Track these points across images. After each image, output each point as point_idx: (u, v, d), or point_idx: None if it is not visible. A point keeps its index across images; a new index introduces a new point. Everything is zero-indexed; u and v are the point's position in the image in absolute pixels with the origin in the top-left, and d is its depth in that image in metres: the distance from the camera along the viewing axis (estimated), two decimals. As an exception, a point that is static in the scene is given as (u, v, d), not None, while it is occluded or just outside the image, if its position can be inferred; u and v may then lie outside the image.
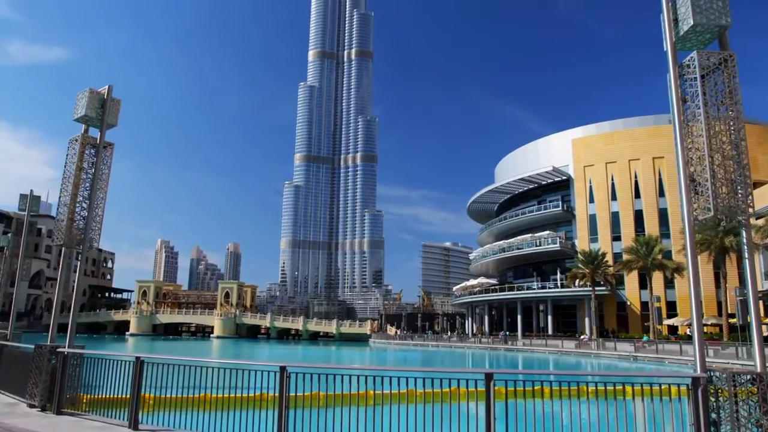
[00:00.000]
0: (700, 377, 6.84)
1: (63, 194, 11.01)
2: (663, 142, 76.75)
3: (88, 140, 11.35)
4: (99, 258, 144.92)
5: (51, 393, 10.28)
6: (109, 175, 11.54)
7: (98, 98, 11.20)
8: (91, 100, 10.97)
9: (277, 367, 8.08)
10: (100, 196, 11.24)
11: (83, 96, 11.01)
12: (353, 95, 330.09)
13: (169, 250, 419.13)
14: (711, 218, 7.54)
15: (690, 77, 7.90)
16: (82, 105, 10.97)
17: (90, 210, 11.03)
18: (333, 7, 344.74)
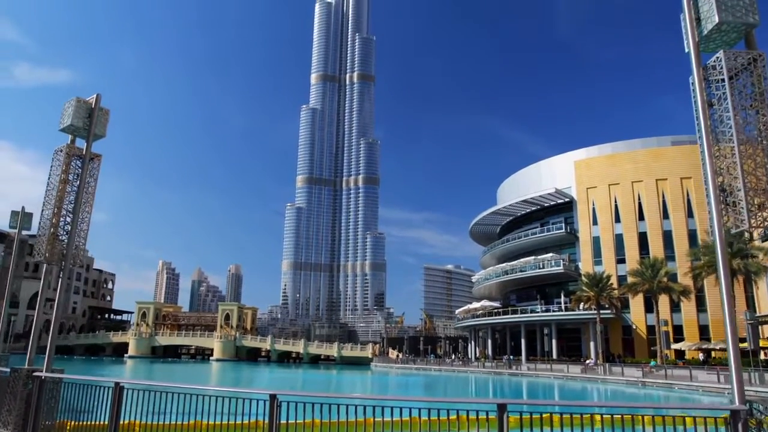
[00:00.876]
0: (740, 410, 6.11)
1: (45, 207, 10.40)
2: (666, 164, 76.46)
3: (74, 151, 10.78)
4: (99, 279, 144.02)
5: (26, 421, 9.54)
6: (95, 188, 10.94)
7: (85, 108, 10.66)
8: (78, 110, 10.43)
9: (267, 395, 7.40)
10: (85, 209, 10.62)
11: (70, 105, 10.48)
12: (355, 118, 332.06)
13: (171, 271, 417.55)
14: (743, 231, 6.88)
15: (716, 79, 7.31)
16: (69, 114, 10.43)
17: (74, 224, 10.41)
18: (335, 31, 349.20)
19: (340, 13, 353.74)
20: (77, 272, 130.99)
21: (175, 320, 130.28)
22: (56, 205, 10.41)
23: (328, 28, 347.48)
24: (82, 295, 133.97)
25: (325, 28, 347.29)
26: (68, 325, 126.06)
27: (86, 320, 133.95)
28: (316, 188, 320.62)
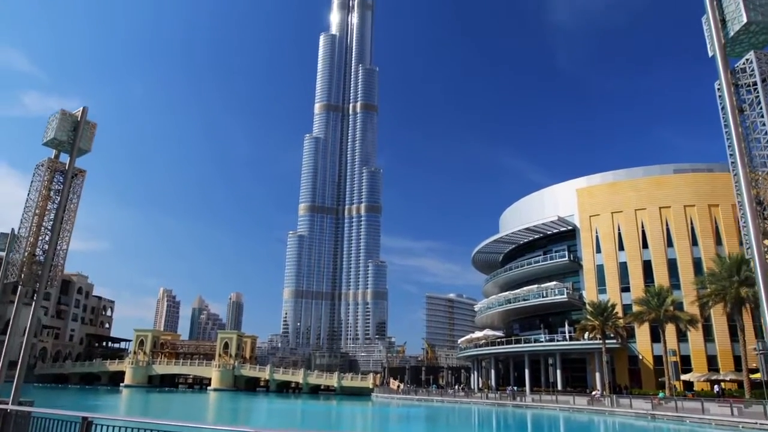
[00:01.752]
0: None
1: (23, 225, 9.81)
2: (669, 192, 76.04)
3: (56, 166, 10.26)
4: (98, 306, 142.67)
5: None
6: (77, 205, 10.39)
7: (71, 121, 10.19)
8: (63, 123, 9.95)
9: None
10: (66, 228, 10.05)
11: (54, 118, 10.01)
12: (358, 147, 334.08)
13: (171, 299, 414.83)
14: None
15: (746, 83, 6.75)
16: (53, 127, 9.95)
17: (52, 243, 9.81)
18: (339, 62, 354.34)
19: (343, 45, 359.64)
20: (76, 299, 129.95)
21: (174, 348, 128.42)
22: (35, 222, 9.84)
23: (332, 60, 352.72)
24: (80, 322, 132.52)
25: (329, 59, 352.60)
26: (65, 353, 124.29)
27: (83, 348, 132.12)
28: (319, 216, 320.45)
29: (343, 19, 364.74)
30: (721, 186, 74.62)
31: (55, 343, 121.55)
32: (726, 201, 72.58)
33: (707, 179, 75.99)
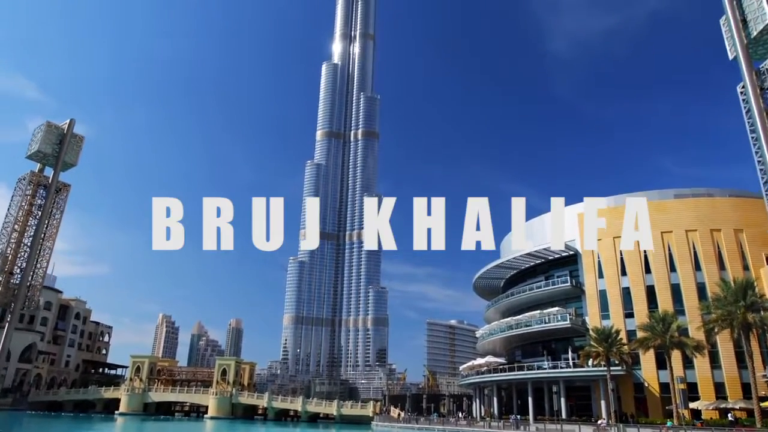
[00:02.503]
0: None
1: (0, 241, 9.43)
2: (670, 217, 75.64)
3: (40, 180, 9.98)
4: (95, 332, 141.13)
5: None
6: (60, 221, 10.12)
7: (56, 133, 10.06)
8: (48, 135, 9.80)
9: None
10: (47, 245, 9.69)
11: (39, 130, 9.82)
12: (359, 173, 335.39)
13: (170, 324, 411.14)
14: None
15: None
16: (37, 140, 9.77)
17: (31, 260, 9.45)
18: (341, 90, 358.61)
19: (345, 74, 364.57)
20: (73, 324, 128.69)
21: (170, 375, 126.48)
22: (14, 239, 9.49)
23: (334, 88, 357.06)
24: (76, 348, 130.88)
25: (331, 87, 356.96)
26: (60, 379, 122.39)
27: (79, 374, 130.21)
28: (319, 242, 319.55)
29: (344, 48, 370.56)
30: (723, 211, 74.43)
31: (50, 369, 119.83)
32: (728, 226, 72.27)
33: (708, 204, 75.79)
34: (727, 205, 74.99)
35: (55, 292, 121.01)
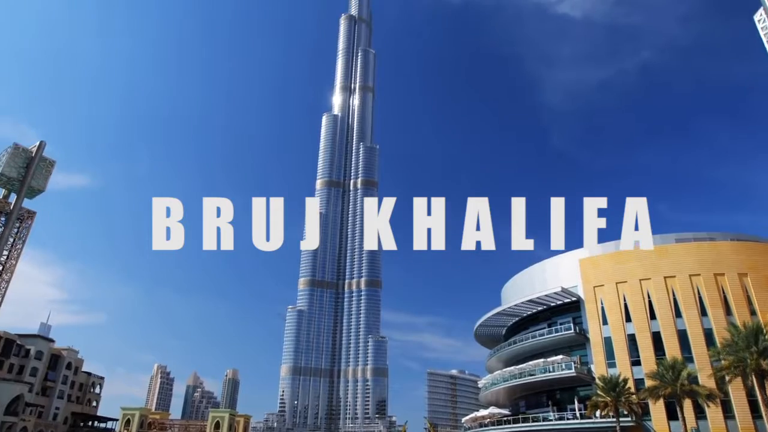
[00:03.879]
0: None
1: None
2: (673, 261, 74.81)
3: (2, 206, 9.27)
4: (87, 382, 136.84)
5: None
6: (22, 251, 9.33)
7: (24, 157, 9.40)
8: (14, 158, 9.29)
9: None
10: (3, 278, 8.90)
11: (5, 153, 9.13)
12: (358, 222, 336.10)
13: (165, 375, 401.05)
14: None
15: None
16: (1, 163, 9.02)
17: None
18: (341, 140, 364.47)
19: (345, 124, 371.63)
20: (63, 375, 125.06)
21: (162, 428, 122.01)
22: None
23: (334, 138, 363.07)
24: (66, 399, 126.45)
25: (331, 137, 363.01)
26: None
27: (68, 428, 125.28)
28: (318, 291, 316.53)
29: (345, 100, 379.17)
30: (726, 255, 73.62)
31: (37, 423, 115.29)
32: (731, 270, 71.31)
33: (710, 248, 75.05)
34: (730, 249, 74.27)
35: (47, 341, 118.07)
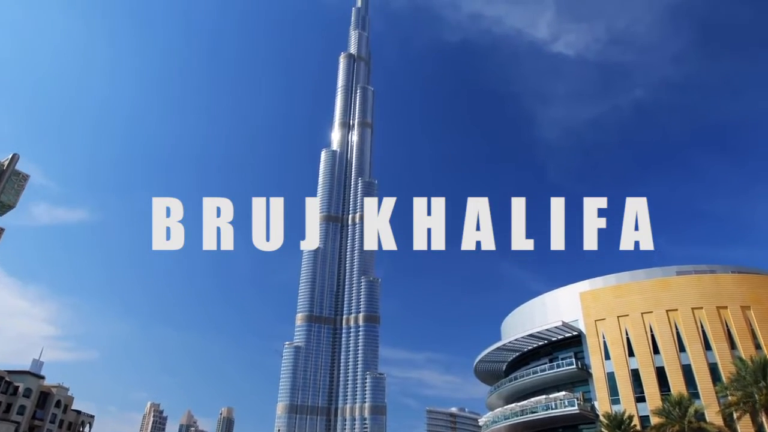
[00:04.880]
0: None
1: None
2: (675, 294, 73.96)
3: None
4: (76, 421, 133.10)
5: None
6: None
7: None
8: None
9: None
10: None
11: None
12: (356, 257, 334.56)
13: (158, 414, 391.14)
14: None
15: None
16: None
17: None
18: (339, 176, 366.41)
19: (344, 160, 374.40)
20: (52, 413, 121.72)
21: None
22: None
23: (333, 173, 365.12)
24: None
25: (330, 172, 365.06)
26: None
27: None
28: (316, 326, 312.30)
29: (343, 136, 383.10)
30: (727, 288, 72.78)
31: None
32: (734, 303, 70.37)
33: (712, 281, 74.27)
34: (732, 282, 73.48)
35: (37, 377, 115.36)
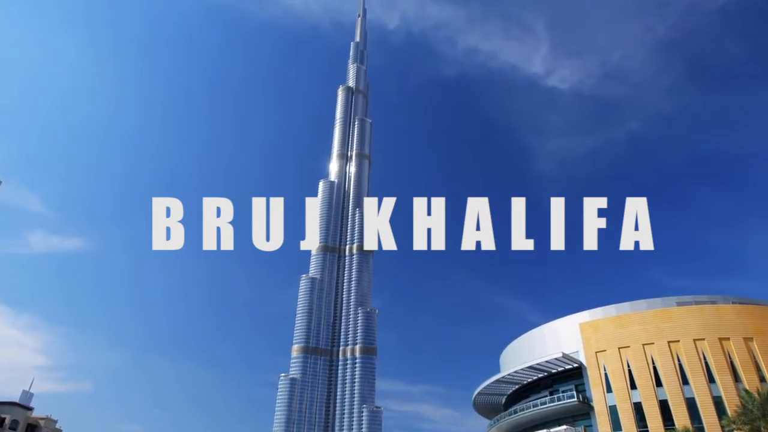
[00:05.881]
0: None
1: None
2: (676, 325, 73.04)
3: None
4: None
5: None
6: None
7: None
8: None
9: None
10: None
11: None
12: (353, 288, 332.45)
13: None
14: None
15: None
16: None
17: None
18: (337, 206, 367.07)
19: (342, 190, 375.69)
20: None
21: None
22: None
23: (330, 204, 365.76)
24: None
25: (327, 203, 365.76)
26: None
27: None
28: (312, 358, 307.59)
29: (341, 167, 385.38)
30: (729, 319, 71.92)
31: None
32: (737, 334, 69.44)
33: (713, 311, 73.44)
34: (733, 313, 72.66)
35: (25, 409, 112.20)
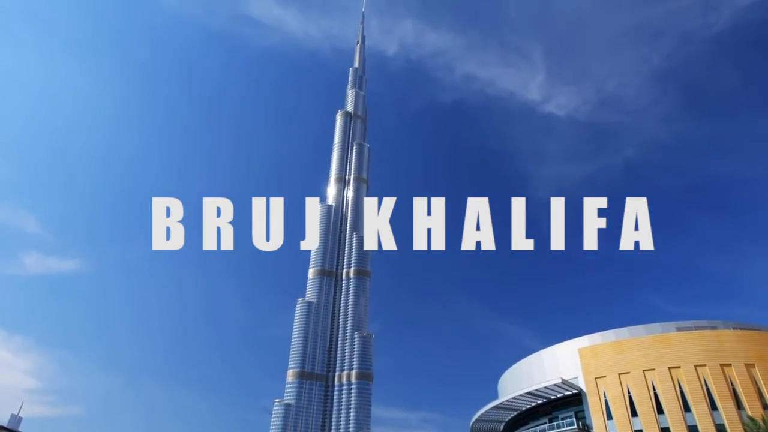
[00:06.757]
0: None
1: None
2: (676, 350, 72.16)
3: None
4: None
5: None
6: None
7: None
8: None
9: None
10: None
11: None
12: (350, 312, 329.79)
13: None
14: None
15: None
16: None
17: None
18: (334, 230, 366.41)
19: (339, 214, 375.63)
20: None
21: None
22: None
23: (327, 227, 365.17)
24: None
25: (325, 226, 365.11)
26: None
27: None
28: (307, 383, 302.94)
29: (339, 191, 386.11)
30: (730, 344, 71.08)
31: None
32: (738, 360, 68.54)
33: (714, 337, 72.63)
34: (734, 338, 71.85)
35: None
